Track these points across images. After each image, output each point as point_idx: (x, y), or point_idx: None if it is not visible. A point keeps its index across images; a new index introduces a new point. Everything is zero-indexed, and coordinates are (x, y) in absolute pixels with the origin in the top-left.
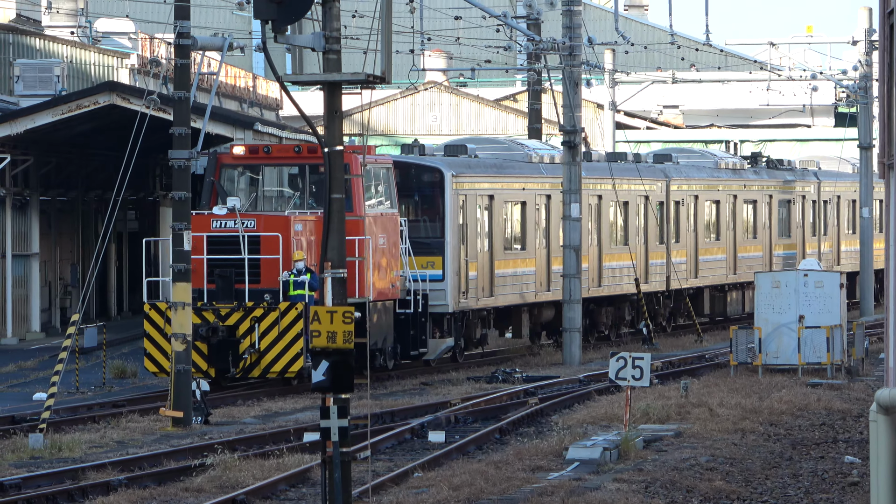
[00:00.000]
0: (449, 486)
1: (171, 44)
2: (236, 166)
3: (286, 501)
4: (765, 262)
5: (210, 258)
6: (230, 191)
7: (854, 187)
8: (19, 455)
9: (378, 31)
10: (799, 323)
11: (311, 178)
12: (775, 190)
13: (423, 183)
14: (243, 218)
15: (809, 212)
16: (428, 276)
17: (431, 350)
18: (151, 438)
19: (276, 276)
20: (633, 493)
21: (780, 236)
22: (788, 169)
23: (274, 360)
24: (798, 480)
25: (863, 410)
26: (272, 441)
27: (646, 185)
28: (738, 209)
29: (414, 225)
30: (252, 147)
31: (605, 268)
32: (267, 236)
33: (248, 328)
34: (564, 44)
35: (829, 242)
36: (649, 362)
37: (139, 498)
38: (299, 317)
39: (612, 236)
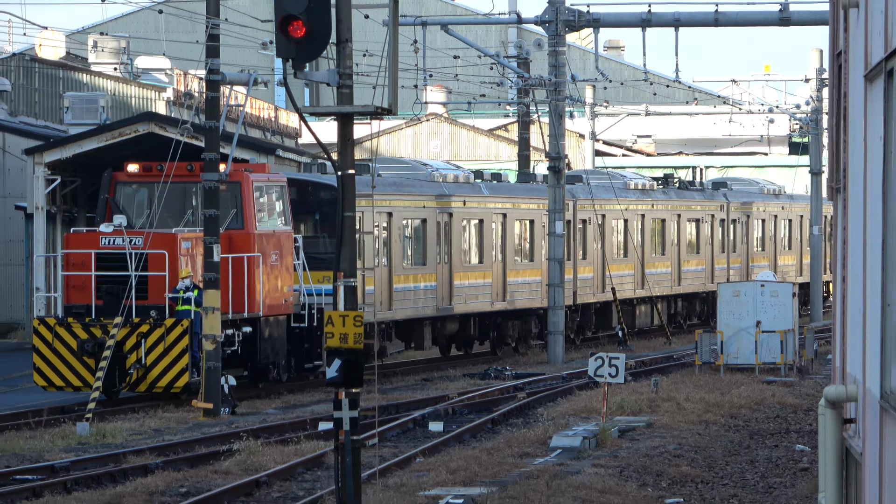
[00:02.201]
0: (447, 470)
1: (203, 79)
2: (131, 184)
3: (303, 483)
4: (673, 278)
5: (98, 274)
6: (126, 207)
7: (765, 206)
8: (68, 441)
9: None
10: (756, 327)
11: (202, 196)
12: (683, 209)
13: (321, 200)
14: (131, 235)
15: (718, 230)
16: (324, 290)
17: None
18: (184, 427)
19: (162, 293)
20: (610, 476)
21: (688, 253)
22: (698, 189)
23: (160, 376)
24: (755, 466)
25: (812, 405)
26: (291, 430)
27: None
28: (646, 227)
29: (313, 241)
30: (146, 165)
31: (510, 283)
32: (153, 253)
33: (134, 343)
34: (550, 80)
35: (737, 259)
36: (624, 362)
37: (174, 479)
38: (184, 333)
39: (518, 252)
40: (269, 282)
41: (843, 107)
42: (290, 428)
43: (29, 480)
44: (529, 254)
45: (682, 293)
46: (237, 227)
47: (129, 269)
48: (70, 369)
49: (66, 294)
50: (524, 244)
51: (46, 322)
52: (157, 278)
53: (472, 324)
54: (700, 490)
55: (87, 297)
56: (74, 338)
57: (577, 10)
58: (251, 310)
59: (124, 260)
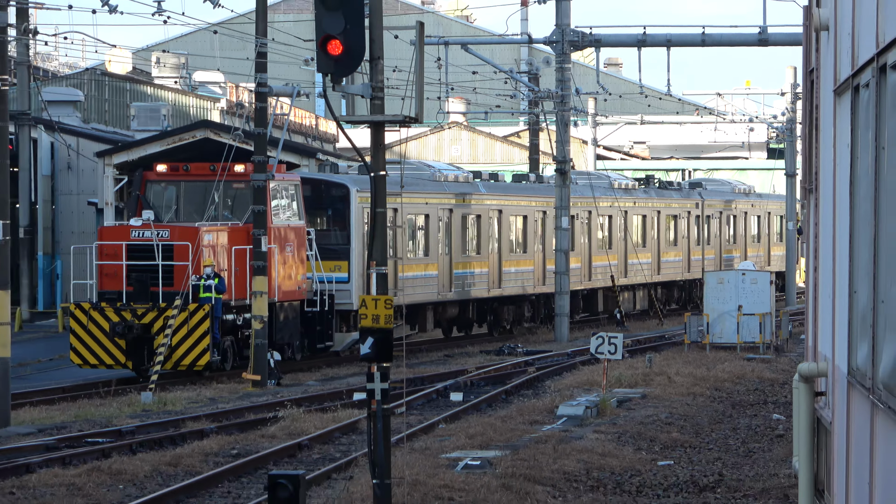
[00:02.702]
0: (466, 435)
1: (253, 91)
2: (160, 182)
3: (340, 446)
4: (653, 268)
5: (129, 263)
6: (155, 203)
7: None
8: (134, 408)
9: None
10: (738, 311)
11: (224, 193)
12: (662, 207)
13: (332, 197)
14: (158, 228)
15: (694, 225)
16: (335, 278)
17: (338, 343)
18: (235, 396)
19: (186, 280)
20: (609, 441)
21: (667, 245)
22: (676, 189)
23: (184, 355)
24: (736, 433)
25: (787, 379)
26: (329, 399)
27: (545, 202)
28: (629, 222)
29: (325, 234)
30: (173, 165)
31: (505, 272)
32: (178, 245)
33: (161, 326)
34: (557, 93)
35: (711, 250)
36: (622, 340)
37: (226, 442)
38: (206, 316)
39: (513, 244)
40: (284, 271)
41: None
42: (329, 398)
43: (99, 443)
44: (523, 246)
45: (662, 281)
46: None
47: (157, 259)
48: (103, 349)
49: (100, 281)
50: (518, 237)
51: (82, 306)
52: (181, 267)
53: (471, 308)
54: (688, 454)
55: (118, 284)
56: (107, 321)
57: (581, 31)
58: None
59: (152, 250)
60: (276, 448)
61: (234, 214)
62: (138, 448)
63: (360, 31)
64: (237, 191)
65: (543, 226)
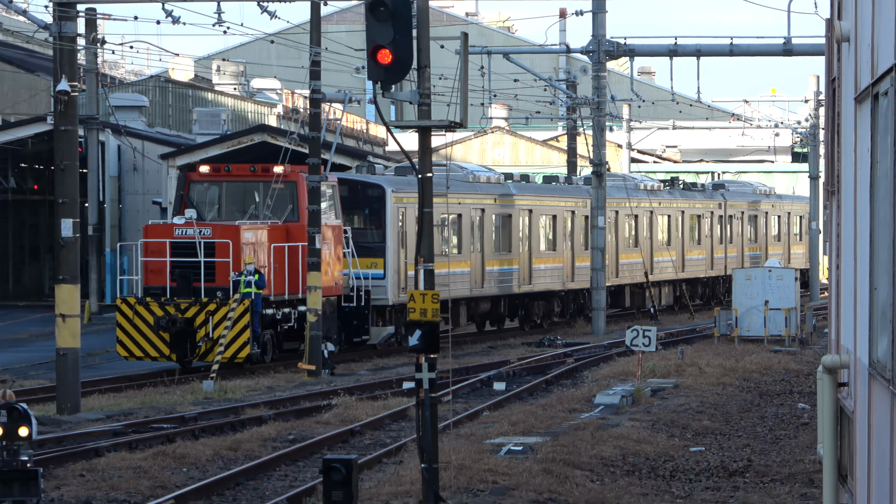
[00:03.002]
0: (509, 422)
1: (307, 97)
2: (203, 182)
3: (390, 432)
4: (677, 266)
5: (173, 260)
6: (199, 203)
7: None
8: (196, 396)
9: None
10: (765, 306)
11: (264, 193)
12: (686, 207)
13: (369, 197)
14: (200, 226)
15: (717, 225)
16: (371, 274)
17: (374, 336)
18: (292, 385)
19: (227, 276)
20: (643, 428)
21: (691, 244)
22: (700, 190)
23: (225, 348)
24: (764, 421)
25: (811, 370)
26: (380, 388)
27: (573, 202)
28: (655, 222)
29: (362, 232)
30: (215, 166)
31: (535, 269)
32: (220, 242)
33: (203, 320)
34: (593, 100)
35: (733, 248)
36: (655, 333)
37: (283, 428)
38: (246, 311)
39: (543, 242)
40: (322, 268)
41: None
42: (380, 386)
43: (164, 428)
44: (552, 244)
45: (686, 278)
46: (293, 220)
47: (199, 256)
48: (148, 342)
49: (145, 277)
50: (548, 236)
51: (128, 301)
52: (222, 264)
53: (503, 303)
54: (719, 440)
55: (162, 279)
56: (152, 315)
57: (616, 42)
58: (304, 291)
59: (195, 248)
60: (330, 434)
61: (274, 213)
62: (200, 433)
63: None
64: (276, 191)
65: (572, 225)
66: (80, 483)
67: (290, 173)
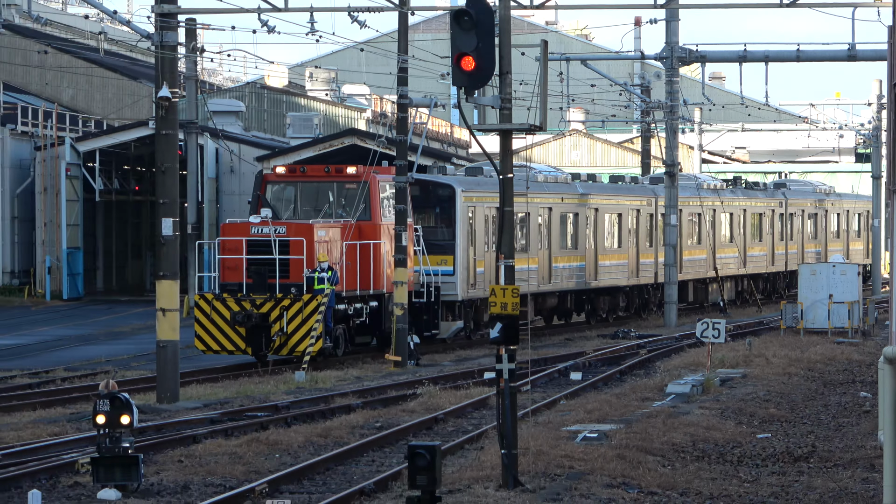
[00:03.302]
0: (584, 411)
1: (395, 103)
2: (279, 182)
3: (472, 419)
4: (740, 262)
5: (249, 257)
6: (275, 202)
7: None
8: (288, 385)
9: (537, 94)
10: (829, 299)
11: (337, 193)
12: (748, 205)
13: (439, 197)
14: (275, 225)
15: (777, 222)
16: (440, 271)
17: (443, 330)
18: (379, 375)
19: (301, 273)
20: (713, 416)
21: (753, 241)
22: (761, 189)
23: (298, 342)
24: (827, 409)
25: (873, 360)
26: (462, 378)
27: (639, 201)
28: (717, 220)
29: (432, 230)
30: (291, 167)
31: (601, 265)
32: (294, 240)
33: (277, 315)
34: (666, 104)
35: (794, 245)
36: (724, 326)
37: (370, 416)
38: (319, 306)
39: (609, 240)
40: (391, 264)
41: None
42: (462, 377)
43: (258, 416)
44: (618, 241)
45: (748, 274)
46: (366, 219)
47: (274, 253)
48: (225, 336)
49: (222, 274)
50: (613, 233)
51: (205, 297)
52: (296, 261)
53: (569, 299)
54: (784, 427)
55: (238, 276)
56: (228, 310)
57: (688, 48)
58: (376, 287)
59: (270, 245)
60: (415, 421)
61: (347, 212)
62: (292, 421)
63: (491, 49)
64: (349, 191)
65: (637, 223)
66: (179, 468)
67: (362, 173)
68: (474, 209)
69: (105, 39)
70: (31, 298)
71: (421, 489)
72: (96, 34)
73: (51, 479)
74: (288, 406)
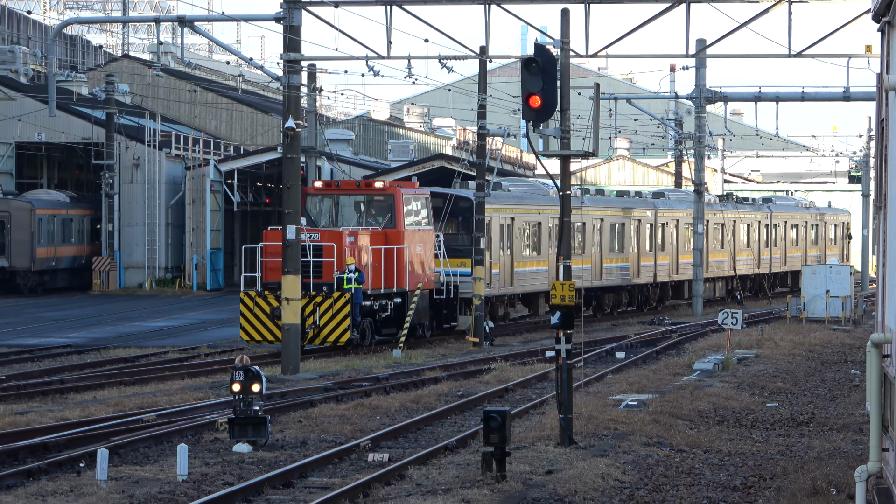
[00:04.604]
0: (626, 383)
1: (475, 132)
2: (317, 195)
3: (535, 390)
4: (729, 266)
5: None
6: (314, 212)
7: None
8: (387, 361)
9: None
10: (826, 294)
11: (367, 204)
12: (738, 217)
13: (460, 208)
14: (310, 232)
15: (763, 231)
16: (459, 272)
17: (461, 324)
18: (460, 353)
19: (332, 274)
20: (731, 388)
21: (742, 247)
22: (750, 203)
23: (329, 333)
24: (825, 383)
25: (862, 344)
26: (528, 356)
27: (639, 212)
28: (710, 229)
29: (454, 237)
30: (328, 182)
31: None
32: (326, 245)
33: (311, 310)
34: (695, 135)
35: (777, 251)
36: (741, 315)
37: (453, 386)
38: (347, 303)
39: (612, 245)
40: (413, 266)
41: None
42: (528, 355)
43: (362, 386)
44: (621, 246)
45: (737, 275)
46: (391, 227)
47: (308, 257)
48: (266, 328)
49: (264, 274)
50: (617, 239)
51: (249, 294)
52: (328, 263)
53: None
54: (789, 398)
55: (278, 276)
56: (269, 305)
57: (713, 90)
58: (399, 286)
59: (305, 250)
60: (489, 391)
61: (376, 221)
62: (390, 390)
63: (553, 90)
64: (378, 202)
65: (638, 231)
66: (299, 427)
67: (388, 187)
68: (491, 218)
69: (243, 81)
70: (181, 289)
71: (494, 446)
72: (236, 76)
73: (195, 435)
74: (387, 377)
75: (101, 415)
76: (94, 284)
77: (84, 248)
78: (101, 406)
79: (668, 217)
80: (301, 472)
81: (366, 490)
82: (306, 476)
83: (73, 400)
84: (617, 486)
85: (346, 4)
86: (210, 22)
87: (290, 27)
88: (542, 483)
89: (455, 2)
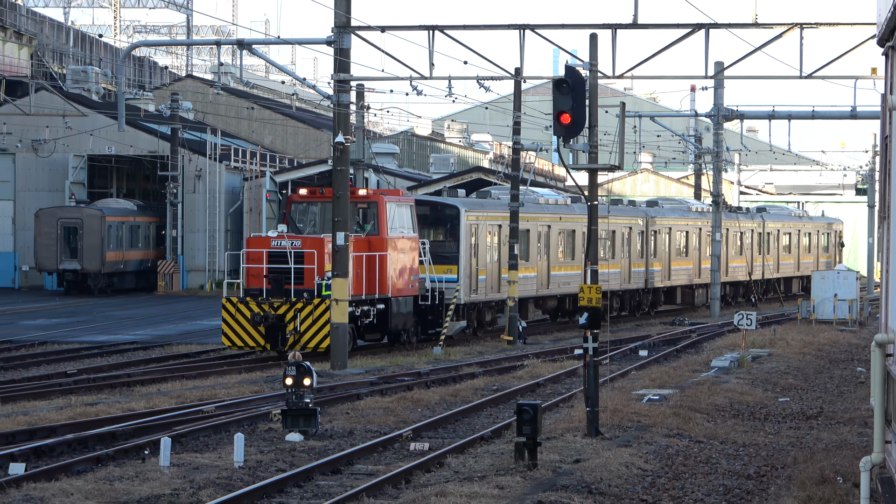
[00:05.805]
0: (649, 379)
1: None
2: (301, 202)
3: (565, 384)
4: (722, 272)
5: (269, 266)
6: (298, 219)
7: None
8: (428, 358)
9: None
10: (834, 297)
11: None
12: (731, 225)
13: (446, 216)
14: (291, 238)
15: (756, 239)
16: (445, 278)
17: (449, 329)
18: (495, 350)
19: (313, 280)
20: (746, 384)
21: (734, 254)
22: (743, 212)
23: (309, 339)
24: (832, 380)
25: (867, 344)
26: (558, 353)
27: (631, 220)
28: (702, 237)
29: (440, 244)
30: (312, 189)
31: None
32: (307, 252)
33: (292, 316)
34: (714, 150)
35: (770, 258)
36: (755, 316)
37: (489, 381)
38: (327, 309)
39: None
40: (396, 272)
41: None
42: (558, 352)
43: (405, 381)
44: (612, 253)
45: (729, 281)
46: (375, 234)
47: (290, 263)
48: (247, 334)
49: (246, 280)
50: (607, 247)
51: (231, 300)
52: (309, 270)
53: (567, 301)
54: (799, 393)
55: (260, 282)
56: (250, 311)
57: (730, 108)
58: (382, 292)
59: (286, 256)
60: (522, 386)
61: (361, 228)
62: (431, 384)
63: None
64: (361, 209)
65: (629, 238)
66: (346, 418)
67: (372, 194)
68: (477, 226)
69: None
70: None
71: (526, 436)
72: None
73: (251, 425)
74: (428, 373)
75: (164, 406)
76: (159, 286)
77: (150, 253)
78: (165, 398)
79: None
80: (348, 460)
81: (408, 476)
82: (353, 464)
83: (138, 392)
84: (640, 473)
85: (391, 29)
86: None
87: (341, 50)
88: (571, 471)
89: (492, 28)
